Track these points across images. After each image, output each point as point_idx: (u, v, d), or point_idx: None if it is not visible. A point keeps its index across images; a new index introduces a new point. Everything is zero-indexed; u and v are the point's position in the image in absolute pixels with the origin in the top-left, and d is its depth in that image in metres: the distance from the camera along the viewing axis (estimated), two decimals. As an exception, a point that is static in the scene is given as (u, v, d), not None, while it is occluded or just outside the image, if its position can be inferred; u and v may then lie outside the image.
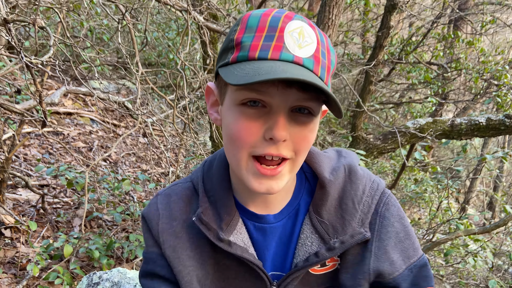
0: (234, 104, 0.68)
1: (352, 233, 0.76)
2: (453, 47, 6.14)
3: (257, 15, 0.68)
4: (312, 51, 0.65)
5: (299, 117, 0.68)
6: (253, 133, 0.66)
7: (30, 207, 3.41)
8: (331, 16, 2.71)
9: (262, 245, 0.80)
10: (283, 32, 0.64)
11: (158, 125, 2.72)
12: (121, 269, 1.56)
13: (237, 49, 0.66)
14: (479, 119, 3.07)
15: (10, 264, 2.77)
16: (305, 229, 0.78)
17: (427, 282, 0.78)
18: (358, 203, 0.78)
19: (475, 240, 3.59)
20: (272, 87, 0.64)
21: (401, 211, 0.82)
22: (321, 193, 0.79)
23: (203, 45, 2.84)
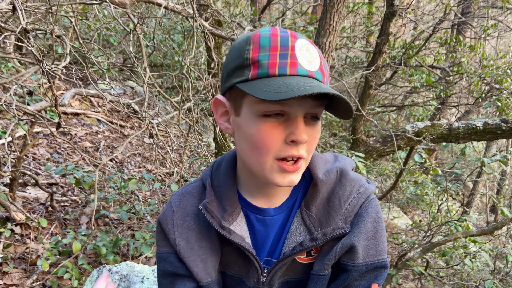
0: (255, 116, 0.77)
1: (334, 227, 0.85)
2: (455, 51, 6.20)
3: (267, 35, 0.76)
4: (318, 64, 0.76)
5: (310, 122, 0.78)
6: (276, 139, 0.76)
7: (39, 205, 3.51)
8: (332, 23, 2.80)
9: (263, 235, 0.90)
10: (294, 51, 0.74)
11: (164, 126, 2.82)
12: (129, 263, 1.65)
13: (255, 67, 0.74)
14: (476, 123, 3.15)
15: (20, 259, 2.87)
16: (295, 221, 0.88)
17: (376, 280, 0.87)
18: (344, 202, 0.87)
19: (473, 241, 3.66)
20: (293, 99, 0.72)
21: (378, 216, 0.90)
22: (313, 191, 0.88)
23: (208, 50, 2.94)
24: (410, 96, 7.60)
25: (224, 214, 0.87)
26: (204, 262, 0.90)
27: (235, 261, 0.91)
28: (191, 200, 0.94)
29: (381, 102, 7.06)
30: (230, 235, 0.85)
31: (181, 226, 0.91)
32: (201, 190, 0.95)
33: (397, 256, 4.31)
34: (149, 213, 3.90)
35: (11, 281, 2.58)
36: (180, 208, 0.93)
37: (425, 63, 6.06)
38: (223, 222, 0.86)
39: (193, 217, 0.92)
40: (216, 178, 0.93)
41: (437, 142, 3.19)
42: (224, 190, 0.90)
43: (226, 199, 0.89)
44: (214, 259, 0.90)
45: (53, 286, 2.55)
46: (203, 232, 0.90)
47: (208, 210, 0.87)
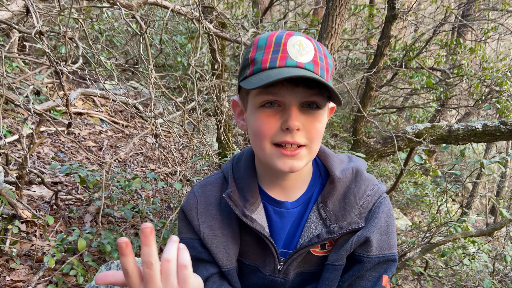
0: (255, 108, 0.85)
1: (350, 221, 0.91)
2: (456, 53, 6.25)
3: (265, 37, 0.85)
4: (311, 57, 0.81)
5: (308, 111, 0.83)
6: (272, 126, 0.83)
7: (44, 203, 3.56)
8: (334, 25, 2.85)
9: (279, 226, 0.96)
10: (286, 46, 0.81)
11: (168, 126, 2.87)
12: (137, 258, 1.70)
13: (252, 65, 0.83)
14: (476, 125, 3.20)
15: (26, 256, 2.92)
16: (312, 215, 0.94)
17: (386, 272, 0.93)
18: (359, 199, 0.93)
19: (472, 241, 3.70)
20: (283, 89, 0.80)
21: (390, 213, 0.97)
22: (330, 187, 0.94)
23: (212, 51, 2.99)
24: (410, 97, 7.65)
25: (246, 203, 0.93)
26: (226, 249, 0.95)
27: (252, 250, 0.97)
28: (213, 190, 1.00)
29: (382, 104, 7.11)
30: (252, 223, 0.91)
31: (205, 214, 0.97)
32: (223, 181, 1.01)
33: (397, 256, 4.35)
34: (152, 212, 3.95)
35: (18, 277, 2.63)
36: (203, 198, 0.99)
37: (425, 65, 6.11)
38: (246, 210, 0.92)
39: (215, 206, 0.98)
40: (237, 170, 0.99)
41: (437, 143, 3.24)
42: (245, 181, 0.96)
43: (248, 190, 0.95)
44: (235, 247, 0.96)
45: (59, 283, 2.60)
46: (225, 220, 0.96)
47: (232, 198, 0.93)
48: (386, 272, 0.94)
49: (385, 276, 0.94)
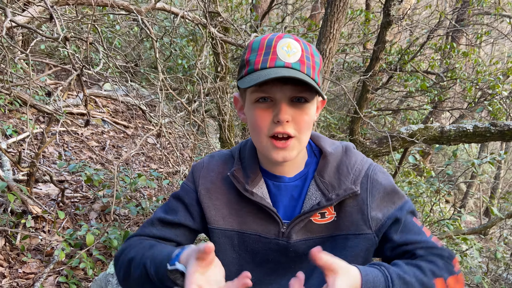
0: (251, 103, 0.99)
1: (345, 188, 1.03)
2: (449, 57, 6.42)
3: (258, 40, 0.99)
4: (298, 57, 0.94)
5: (297, 104, 0.96)
6: (266, 119, 0.96)
7: (50, 200, 3.67)
8: (332, 31, 2.99)
9: (277, 198, 1.09)
10: (276, 48, 0.94)
11: (171, 126, 2.99)
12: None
13: (247, 66, 0.97)
14: (467, 126, 3.34)
15: (35, 250, 3.03)
16: (311, 188, 1.06)
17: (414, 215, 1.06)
18: (351, 168, 1.06)
19: (464, 239, 3.84)
20: (274, 86, 0.93)
21: (386, 173, 1.10)
22: (324, 161, 1.08)
23: (216, 55, 3.13)
24: (405, 100, 7.81)
25: (248, 180, 1.07)
26: (216, 210, 1.10)
27: (253, 220, 1.09)
28: (219, 162, 1.16)
29: (378, 106, 7.26)
30: (252, 196, 1.05)
31: (205, 177, 1.13)
32: (229, 158, 1.16)
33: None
34: (155, 209, 4.07)
35: (30, 270, 2.75)
36: (208, 164, 1.16)
37: (420, 69, 6.27)
38: (247, 186, 1.06)
39: (216, 173, 1.13)
40: (243, 151, 1.14)
41: (429, 144, 3.38)
42: (249, 161, 1.11)
43: (250, 169, 1.09)
44: (225, 211, 1.10)
45: (68, 275, 2.71)
46: (224, 189, 1.11)
47: (235, 176, 1.08)
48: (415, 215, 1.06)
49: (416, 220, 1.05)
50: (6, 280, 2.61)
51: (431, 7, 6.31)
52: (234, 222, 1.10)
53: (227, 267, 1.06)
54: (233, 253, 1.11)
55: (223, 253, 1.10)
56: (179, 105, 5.65)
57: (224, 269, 1.02)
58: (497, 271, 5.63)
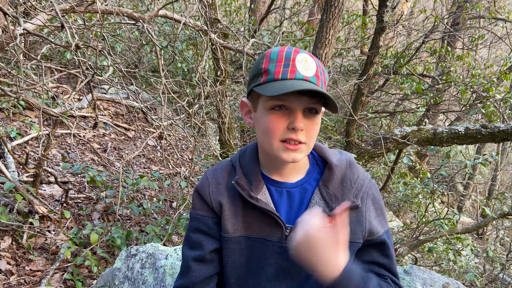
0: (266, 110, 1.07)
1: (348, 201, 1.13)
2: (444, 60, 6.54)
3: (276, 51, 1.08)
4: (314, 72, 1.05)
5: (309, 115, 1.06)
6: (281, 126, 1.05)
7: (54, 201, 3.77)
8: (328, 36, 3.10)
9: (280, 203, 1.17)
10: (295, 61, 1.04)
11: (173, 129, 3.09)
12: (154, 244, 1.93)
13: (265, 74, 1.05)
14: (459, 128, 3.45)
15: (41, 249, 3.13)
16: (315, 197, 1.15)
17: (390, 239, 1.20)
18: (354, 183, 1.16)
19: (457, 238, 3.94)
20: (292, 96, 1.02)
21: (380, 195, 1.23)
22: (329, 173, 1.17)
23: (216, 60, 3.23)
24: (402, 103, 7.93)
25: (251, 187, 1.15)
26: (227, 220, 1.18)
27: (258, 225, 1.17)
28: (223, 173, 1.23)
29: (374, 109, 7.37)
30: (257, 202, 1.13)
31: (215, 192, 1.20)
32: (231, 168, 1.24)
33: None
34: (156, 210, 4.17)
35: (36, 267, 2.84)
36: (213, 179, 1.22)
37: (415, 72, 6.38)
38: (251, 193, 1.14)
39: (223, 185, 1.20)
40: (244, 159, 1.22)
41: (423, 145, 3.49)
42: (250, 168, 1.18)
43: (252, 175, 1.17)
44: (235, 221, 1.18)
45: (74, 273, 2.81)
46: (231, 199, 1.19)
47: (239, 184, 1.15)
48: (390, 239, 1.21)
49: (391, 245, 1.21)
50: (14, 277, 2.70)
51: (425, 12, 6.43)
52: (241, 228, 1.18)
53: (236, 270, 1.20)
54: (242, 256, 1.19)
55: (232, 257, 1.19)
56: (179, 107, 5.76)
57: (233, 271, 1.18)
58: (493, 272, 5.73)
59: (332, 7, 3.05)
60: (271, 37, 5.59)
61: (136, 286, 1.77)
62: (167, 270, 1.75)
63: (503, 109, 5.86)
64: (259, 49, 3.73)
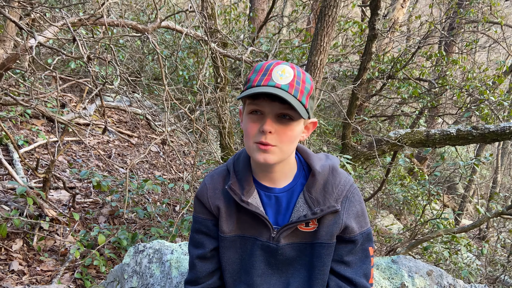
0: (246, 114, 1.20)
1: (328, 205, 1.25)
2: (440, 64, 6.69)
3: (261, 63, 1.21)
4: (288, 80, 1.14)
5: (282, 120, 1.15)
6: (254, 128, 1.16)
7: (61, 205, 3.90)
8: (322, 44, 3.25)
9: (269, 206, 1.30)
10: (272, 71, 1.15)
11: (175, 135, 3.24)
12: (160, 240, 2.06)
13: (248, 82, 1.18)
14: (450, 130, 3.59)
15: (51, 251, 3.26)
16: (300, 201, 1.27)
17: (369, 243, 1.32)
18: (335, 188, 1.27)
19: (452, 237, 4.06)
20: (264, 102, 1.13)
21: (361, 198, 1.34)
22: (312, 179, 1.27)
23: (216, 68, 3.38)
24: (400, 107, 8.07)
25: (243, 191, 1.27)
26: (223, 221, 1.31)
27: (251, 226, 1.30)
28: (219, 179, 1.35)
29: (372, 113, 7.51)
30: (248, 206, 1.25)
31: (213, 196, 1.33)
32: (226, 172, 1.36)
33: (385, 252, 4.72)
34: (160, 213, 4.30)
35: (47, 268, 2.98)
36: (211, 184, 1.35)
37: (412, 76, 6.53)
38: (243, 197, 1.26)
39: (220, 190, 1.33)
40: (237, 165, 1.33)
41: (416, 147, 3.62)
42: (243, 173, 1.30)
43: (244, 181, 1.29)
44: (230, 222, 1.31)
45: (83, 272, 2.94)
46: (226, 202, 1.31)
47: (232, 189, 1.27)
48: (370, 243, 1.32)
49: (370, 248, 1.33)
50: (26, 277, 2.84)
51: (420, 17, 6.59)
52: (236, 228, 1.31)
53: (231, 265, 1.35)
54: (236, 254, 1.33)
55: (228, 254, 1.33)
56: (181, 114, 5.91)
57: (229, 267, 1.33)
58: (494, 273, 5.81)
59: (326, 16, 3.21)
60: (269, 45, 5.75)
61: (144, 279, 1.90)
62: (173, 264, 1.88)
63: (498, 111, 5.99)
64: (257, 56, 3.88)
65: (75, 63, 5.53)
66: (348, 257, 1.30)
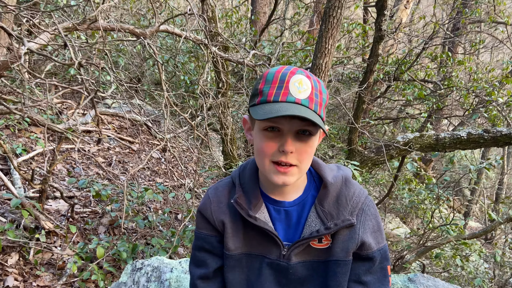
0: (260, 130, 1.08)
1: (343, 219, 1.14)
2: (446, 66, 6.56)
3: (272, 72, 1.08)
4: (307, 94, 1.03)
5: (302, 137, 1.05)
6: (272, 147, 1.05)
7: (60, 216, 3.79)
8: (327, 46, 3.13)
9: (278, 221, 1.18)
10: (288, 83, 1.04)
11: (177, 141, 3.13)
12: (159, 257, 1.94)
13: (260, 95, 1.06)
14: (461, 133, 3.46)
15: (48, 265, 3.15)
16: (312, 215, 1.16)
17: (387, 261, 1.21)
18: (349, 200, 1.16)
19: (463, 243, 3.92)
20: (283, 119, 1.02)
21: (376, 212, 1.22)
22: (324, 191, 1.17)
23: (217, 72, 3.27)
24: (405, 109, 7.94)
25: (250, 205, 1.15)
26: (228, 238, 1.19)
27: (259, 242, 1.18)
28: (224, 192, 1.24)
29: (377, 115, 7.38)
30: (256, 221, 1.14)
31: (217, 211, 1.21)
32: (231, 185, 1.24)
33: (394, 260, 4.58)
34: (161, 223, 4.18)
35: (44, 283, 2.86)
36: (215, 198, 1.23)
37: (417, 78, 6.40)
38: (250, 212, 1.14)
39: (225, 204, 1.21)
40: (243, 177, 1.22)
41: (425, 151, 3.49)
42: (249, 186, 1.19)
43: (251, 194, 1.17)
44: (235, 239, 1.19)
45: (81, 287, 2.82)
46: (232, 217, 1.20)
47: (238, 203, 1.16)
48: (387, 261, 1.21)
49: (388, 266, 1.21)
50: (22, 293, 2.72)
51: (425, 18, 6.47)
52: (242, 245, 1.20)
53: (237, 286, 1.22)
54: (242, 273, 1.22)
55: (233, 274, 1.21)
56: (182, 120, 5.80)
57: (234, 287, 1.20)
58: (503, 277, 5.67)
59: (330, 17, 3.09)
60: (271, 48, 5.64)
61: (142, 299, 1.78)
62: (172, 283, 1.76)
63: (507, 112, 5.86)
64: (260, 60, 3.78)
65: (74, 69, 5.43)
66: (366, 276, 1.19)
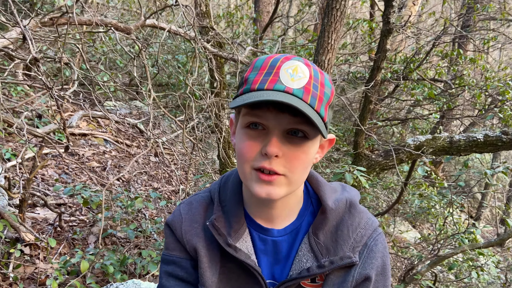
0: (241, 128, 0.82)
1: (341, 256, 0.87)
2: (457, 64, 6.27)
3: (263, 58, 0.82)
4: (303, 83, 0.77)
5: (293, 139, 0.79)
6: (253, 150, 0.79)
7: (48, 225, 3.57)
8: (330, 41, 2.88)
9: (263, 254, 0.92)
10: (280, 69, 0.77)
11: (169, 145, 2.89)
12: (135, 280, 1.70)
13: (244, 84, 0.80)
14: (477, 135, 3.18)
15: (29, 279, 2.92)
16: (303, 247, 0.89)
17: None
18: (352, 232, 0.89)
19: (480, 253, 3.65)
20: (268, 112, 0.76)
21: (386, 251, 0.94)
22: (321, 218, 0.90)
23: (210, 70, 3.04)
24: (413, 109, 7.65)
25: (230, 231, 0.89)
26: (202, 269, 0.92)
27: (237, 278, 0.92)
28: (199, 209, 0.97)
29: (385, 116, 7.10)
30: (236, 253, 0.87)
31: (189, 232, 0.94)
32: (209, 201, 0.98)
33: (405, 270, 4.30)
34: (156, 231, 3.95)
35: (21, 301, 2.63)
36: (188, 215, 0.96)
37: (427, 77, 6.11)
38: (229, 239, 0.88)
39: (200, 225, 0.94)
40: (224, 192, 0.96)
41: (438, 155, 3.23)
42: (231, 205, 0.93)
43: (233, 215, 0.91)
44: (209, 271, 0.92)
45: (62, 305, 2.59)
46: (208, 242, 0.93)
47: (215, 227, 0.89)
48: None
49: None
50: (-4, 313, 2.49)
51: (435, 14, 6.19)
52: (218, 280, 0.93)
53: None
54: None
55: None
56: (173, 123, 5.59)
57: None
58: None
59: (333, 9, 2.83)
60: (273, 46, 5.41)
61: (113, 332, 1.54)
62: (147, 314, 1.51)
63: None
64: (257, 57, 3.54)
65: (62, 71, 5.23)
66: None
